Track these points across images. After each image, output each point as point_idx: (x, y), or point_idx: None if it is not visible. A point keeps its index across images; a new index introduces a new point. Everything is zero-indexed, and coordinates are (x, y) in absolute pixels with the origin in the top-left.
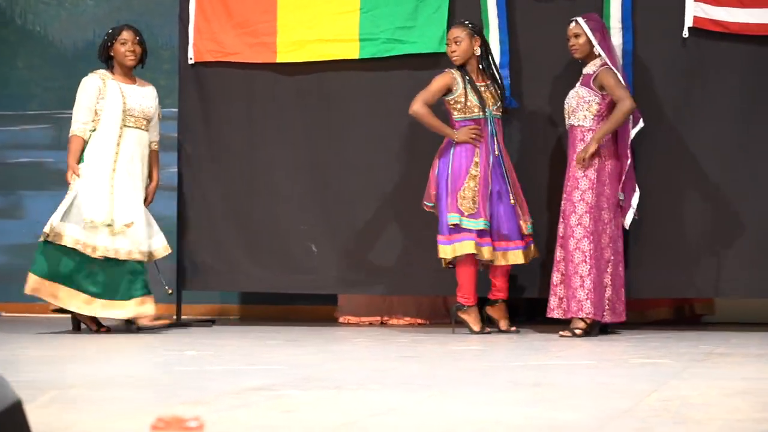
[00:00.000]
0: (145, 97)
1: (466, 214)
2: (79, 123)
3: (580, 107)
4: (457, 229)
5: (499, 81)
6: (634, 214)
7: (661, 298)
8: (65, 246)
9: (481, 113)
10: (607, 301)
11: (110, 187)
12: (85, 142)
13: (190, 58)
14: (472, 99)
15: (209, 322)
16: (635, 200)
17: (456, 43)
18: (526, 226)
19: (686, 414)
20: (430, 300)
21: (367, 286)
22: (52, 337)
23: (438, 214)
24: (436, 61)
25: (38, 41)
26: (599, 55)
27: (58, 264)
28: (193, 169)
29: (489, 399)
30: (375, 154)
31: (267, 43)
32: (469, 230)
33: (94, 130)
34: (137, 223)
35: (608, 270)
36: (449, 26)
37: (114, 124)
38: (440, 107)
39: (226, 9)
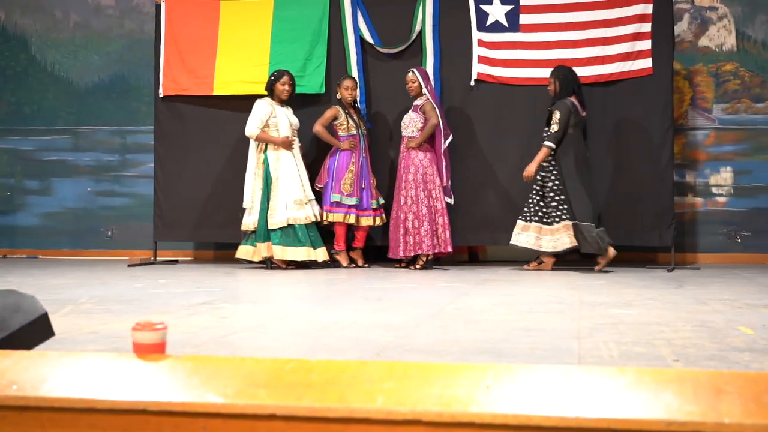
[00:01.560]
0: (292, 115)
1: (345, 194)
2: (255, 126)
3: (411, 124)
4: (336, 204)
5: (362, 113)
6: (452, 195)
7: (461, 246)
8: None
9: (356, 131)
10: (440, 243)
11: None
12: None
13: (160, 93)
14: (351, 123)
15: (174, 262)
16: (448, 184)
17: (352, 89)
18: (376, 203)
19: (470, 317)
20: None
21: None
22: (70, 270)
23: (323, 193)
24: (318, 99)
25: (62, 81)
26: (425, 94)
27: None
28: (163, 163)
29: (350, 308)
30: None
31: (207, 82)
32: (345, 205)
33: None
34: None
35: (439, 226)
36: (326, 77)
37: (287, 133)
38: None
39: (182, 61)
